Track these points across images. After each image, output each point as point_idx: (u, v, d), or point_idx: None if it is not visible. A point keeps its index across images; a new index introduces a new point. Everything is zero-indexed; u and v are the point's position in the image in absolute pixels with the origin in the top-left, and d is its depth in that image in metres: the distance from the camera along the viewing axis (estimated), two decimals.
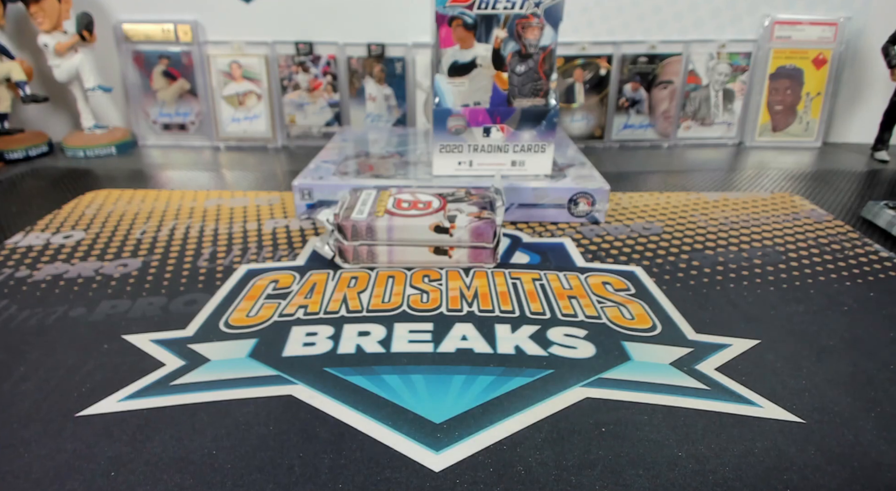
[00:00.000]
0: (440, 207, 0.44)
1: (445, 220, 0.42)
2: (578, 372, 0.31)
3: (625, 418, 0.28)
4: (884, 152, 0.76)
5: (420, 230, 0.42)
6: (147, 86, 0.83)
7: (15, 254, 0.47)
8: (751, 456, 0.25)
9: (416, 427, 0.27)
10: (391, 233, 0.42)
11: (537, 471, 0.25)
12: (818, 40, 0.80)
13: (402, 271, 0.43)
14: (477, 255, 0.43)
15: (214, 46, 0.82)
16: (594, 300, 0.39)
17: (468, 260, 0.43)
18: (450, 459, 0.25)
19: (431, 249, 0.42)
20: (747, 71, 0.82)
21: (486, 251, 0.43)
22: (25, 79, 0.77)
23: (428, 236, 0.42)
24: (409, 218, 0.42)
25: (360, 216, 0.42)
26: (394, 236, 0.42)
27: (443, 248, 0.42)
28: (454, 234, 0.42)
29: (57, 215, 0.56)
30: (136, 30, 0.81)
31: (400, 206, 0.44)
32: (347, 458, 0.25)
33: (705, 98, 0.83)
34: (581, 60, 0.81)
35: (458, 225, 0.42)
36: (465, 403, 0.29)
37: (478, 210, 0.44)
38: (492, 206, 0.45)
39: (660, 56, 0.81)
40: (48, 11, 0.74)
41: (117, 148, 0.81)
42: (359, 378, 0.31)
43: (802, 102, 0.82)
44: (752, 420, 0.28)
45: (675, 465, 0.25)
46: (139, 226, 0.53)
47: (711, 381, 0.30)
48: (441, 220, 0.42)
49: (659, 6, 0.80)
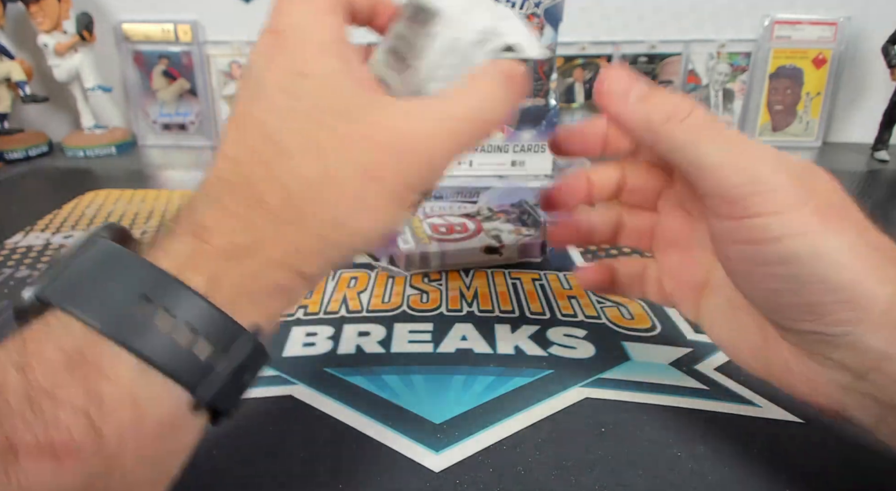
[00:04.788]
0: (477, 229, 0.45)
1: (494, 241, 0.43)
2: (578, 372, 0.31)
3: (625, 418, 0.28)
4: (884, 152, 0.76)
5: (471, 253, 0.43)
6: (147, 86, 0.83)
7: (15, 254, 0.47)
8: (750, 456, 0.25)
9: (415, 427, 0.27)
10: (444, 259, 0.43)
11: (537, 471, 0.25)
12: (818, 40, 0.80)
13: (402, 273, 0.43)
14: (525, 250, 0.44)
15: (214, 46, 0.82)
16: (594, 300, 0.39)
17: (517, 257, 0.44)
18: (450, 459, 0.25)
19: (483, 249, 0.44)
20: (747, 71, 0.82)
21: (534, 245, 0.44)
22: (25, 79, 0.77)
23: (479, 258, 0.43)
24: (457, 242, 0.43)
25: (409, 246, 0.42)
26: (447, 262, 0.43)
27: (493, 246, 0.44)
28: (503, 253, 0.43)
29: (57, 215, 0.56)
30: (136, 30, 0.81)
31: (438, 231, 0.44)
32: (347, 458, 0.25)
33: (705, 98, 0.83)
34: (581, 60, 0.81)
35: (507, 243, 0.43)
36: (465, 403, 0.29)
37: (516, 227, 0.45)
38: (527, 219, 0.46)
39: (659, 56, 0.81)
40: (48, 11, 0.74)
41: (117, 148, 0.81)
42: (359, 378, 0.31)
43: (802, 102, 0.82)
44: (751, 420, 0.28)
45: (675, 465, 0.25)
46: (139, 226, 0.53)
47: (711, 381, 0.30)
48: (489, 242, 0.43)
49: (659, 6, 0.80)
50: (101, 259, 0.16)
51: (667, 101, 0.20)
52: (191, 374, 0.16)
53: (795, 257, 0.18)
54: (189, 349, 0.16)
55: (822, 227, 0.18)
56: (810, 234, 0.18)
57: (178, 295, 0.16)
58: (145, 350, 0.15)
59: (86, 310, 0.15)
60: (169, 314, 0.15)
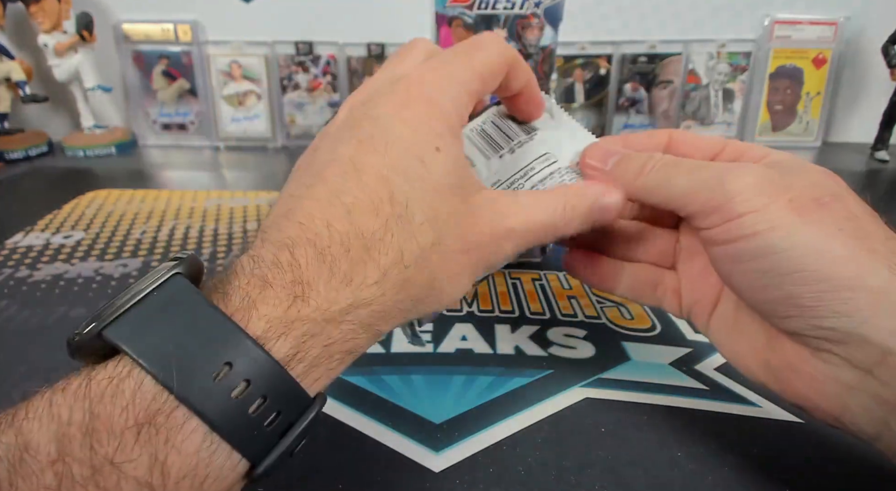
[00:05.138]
0: None
1: None
2: (578, 372, 0.31)
3: (625, 418, 0.28)
4: (884, 152, 0.76)
5: None
6: (147, 86, 0.83)
7: (15, 254, 0.47)
8: (750, 456, 0.25)
9: (415, 427, 0.27)
10: None
11: (537, 471, 0.25)
12: (818, 40, 0.80)
13: None
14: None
15: (214, 46, 0.82)
16: (594, 300, 0.39)
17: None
18: (450, 460, 0.25)
19: None
20: (747, 71, 0.82)
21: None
22: (25, 79, 0.77)
23: None
24: None
25: None
26: None
27: None
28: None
29: (57, 215, 0.56)
30: (136, 30, 0.81)
31: None
32: (347, 458, 0.25)
33: (705, 98, 0.83)
34: (581, 60, 0.81)
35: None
36: (465, 403, 0.29)
37: None
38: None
39: (659, 56, 0.81)
40: (48, 11, 0.74)
41: (117, 148, 0.81)
42: (359, 378, 0.31)
43: (802, 102, 0.82)
44: (751, 420, 0.28)
45: (675, 465, 0.25)
46: (139, 226, 0.53)
47: (711, 381, 0.30)
48: None
49: (659, 6, 0.80)
50: (179, 305, 0.15)
51: (636, 159, 0.23)
52: (257, 447, 0.15)
53: (771, 250, 0.19)
54: (260, 420, 0.15)
55: (796, 218, 0.18)
56: (784, 226, 0.18)
57: (261, 366, 0.15)
58: (217, 420, 0.14)
59: (163, 369, 0.14)
60: (247, 384, 0.15)
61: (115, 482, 0.13)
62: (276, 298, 0.16)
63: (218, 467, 0.14)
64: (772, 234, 0.18)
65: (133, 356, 0.14)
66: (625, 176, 0.23)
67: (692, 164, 0.22)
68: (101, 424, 0.13)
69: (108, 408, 0.13)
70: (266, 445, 0.15)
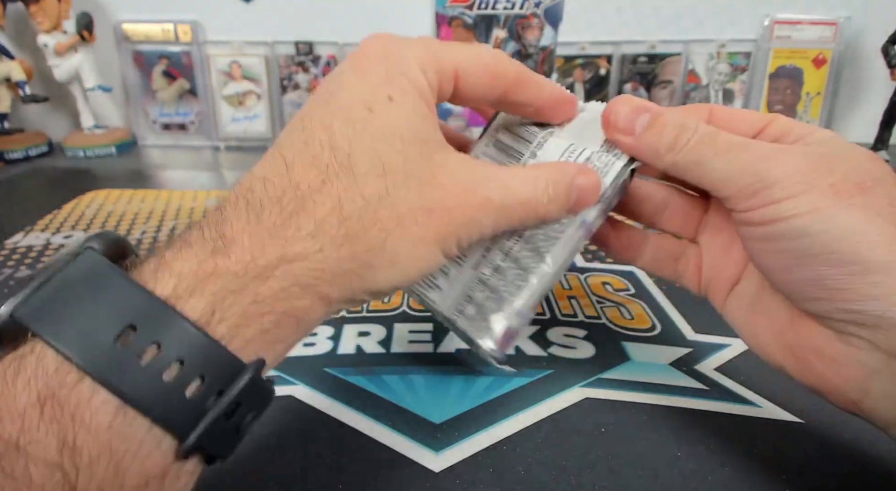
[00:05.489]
0: None
1: None
2: (578, 372, 0.31)
3: (625, 418, 0.28)
4: (884, 152, 0.76)
5: None
6: (147, 86, 0.83)
7: (15, 254, 0.47)
8: (750, 456, 0.25)
9: (415, 427, 0.27)
10: None
11: (537, 471, 0.25)
12: (818, 40, 0.80)
13: None
14: None
15: (214, 46, 0.82)
16: (594, 300, 0.39)
17: None
18: (450, 460, 0.25)
19: None
20: (747, 71, 0.82)
21: None
22: (25, 79, 0.77)
23: None
24: None
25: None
26: None
27: None
28: None
29: (57, 215, 0.56)
30: (136, 30, 0.81)
31: None
32: (347, 458, 0.25)
33: (705, 98, 0.83)
34: (581, 60, 0.81)
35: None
36: (465, 403, 0.29)
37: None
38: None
39: (659, 56, 0.81)
40: (48, 11, 0.74)
41: (117, 148, 0.81)
42: (359, 378, 0.31)
43: (802, 102, 0.82)
44: (751, 420, 0.28)
45: (675, 465, 0.25)
46: (139, 226, 0.53)
47: (711, 381, 0.30)
48: None
49: (659, 6, 0.80)
50: (85, 278, 0.14)
51: (670, 127, 0.21)
52: (180, 417, 0.14)
53: (806, 232, 0.18)
54: (179, 389, 0.14)
55: (836, 202, 0.18)
56: (823, 209, 0.18)
57: (170, 325, 0.14)
58: (127, 390, 0.13)
59: (61, 338, 0.13)
60: (157, 348, 0.14)
61: (24, 466, 0.12)
62: (192, 256, 0.15)
63: (137, 443, 0.13)
64: (809, 216, 0.18)
65: (34, 330, 0.13)
66: (656, 149, 0.21)
67: (730, 142, 0.20)
68: (3, 403, 0.12)
69: (10, 387, 0.13)
70: (191, 416, 0.14)
